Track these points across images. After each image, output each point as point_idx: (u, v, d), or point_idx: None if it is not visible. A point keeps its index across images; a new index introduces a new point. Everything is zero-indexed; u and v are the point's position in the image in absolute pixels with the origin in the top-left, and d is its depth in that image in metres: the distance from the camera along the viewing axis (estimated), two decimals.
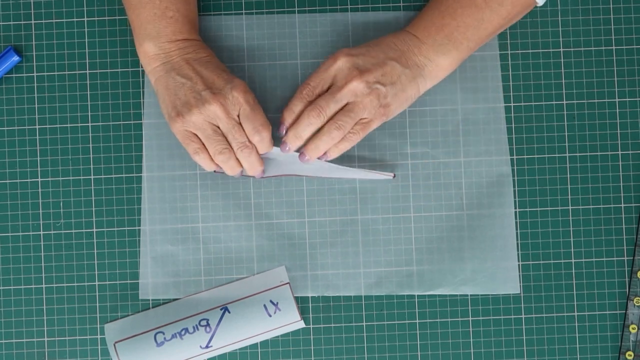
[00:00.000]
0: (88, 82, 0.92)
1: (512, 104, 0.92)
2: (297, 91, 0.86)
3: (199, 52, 0.86)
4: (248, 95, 0.84)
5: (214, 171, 0.88)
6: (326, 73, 0.85)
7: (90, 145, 0.91)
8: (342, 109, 0.84)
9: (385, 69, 0.84)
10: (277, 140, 0.87)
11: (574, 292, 0.91)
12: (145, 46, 0.85)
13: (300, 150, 0.86)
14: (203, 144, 0.85)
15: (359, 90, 0.84)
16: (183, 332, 0.89)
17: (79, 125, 0.91)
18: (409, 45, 0.86)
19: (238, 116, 0.84)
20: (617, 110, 0.92)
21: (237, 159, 0.86)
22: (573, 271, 0.91)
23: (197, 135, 0.85)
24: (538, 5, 0.88)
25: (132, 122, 0.91)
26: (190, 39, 0.86)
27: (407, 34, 0.87)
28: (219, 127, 0.84)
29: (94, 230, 0.91)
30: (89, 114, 0.91)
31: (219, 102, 0.83)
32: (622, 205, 0.91)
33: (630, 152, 0.91)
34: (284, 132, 0.86)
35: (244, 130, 0.85)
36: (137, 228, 0.91)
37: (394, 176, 0.90)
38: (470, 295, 0.91)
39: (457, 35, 0.85)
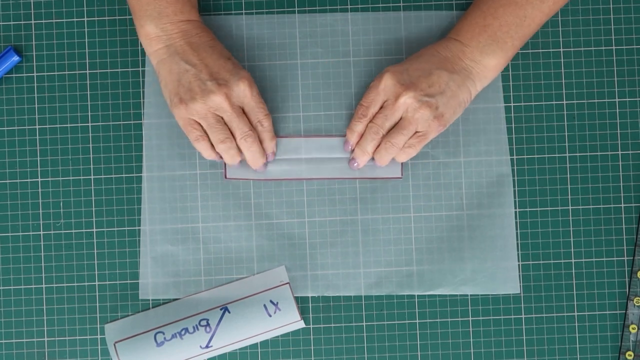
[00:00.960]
0: (88, 82, 0.92)
1: (512, 104, 0.92)
2: (355, 112, 0.88)
3: (202, 35, 0.86)
4: (253, 88, 0.85)
5: (215, 160, 0.89)
6: (375, 93, 0.86)
7: (90, 145, 0.91)
8: (397, 124, 0.86)
9: (431, 79, 0.85)
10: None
11: (574, 292, 0.91)
12: (146, 27, 0.85)
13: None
14: (204, 132, 0.86)
15: (408, 105, 0.85)
16: (183, 332, 0.89)
17: (79, 125, 0.91)
18: (453, 50, 0.86)
19: (242, 107, 0.85)
20: (617, 110, 0.92)
21: (237, 148, 0.87)
22: (573, 271, 0.91)
23: (199, 123, 0.85)
24: None
25: (132, 122, 0.91)
26: (192, 20, 0.86)
27: (450, 39, 0.87)
28: (222, 117, 0.85)
29: (94, 230, 0.91)
30: (89, 114, 0.91)
31: (223, 93, 0.84)
32: (622, 205, 0.91)
33: (630, 152, 0.91)
34: (349, 149, 0.89)
35: (247, 119, 0.86)
36: (137, 228, 0.91)
37: (402, 176, 0.91)
38: (470, 295, 0.91)
39: (500, 35, 0.85)
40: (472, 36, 0.86)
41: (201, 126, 0.86)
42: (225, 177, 0.90)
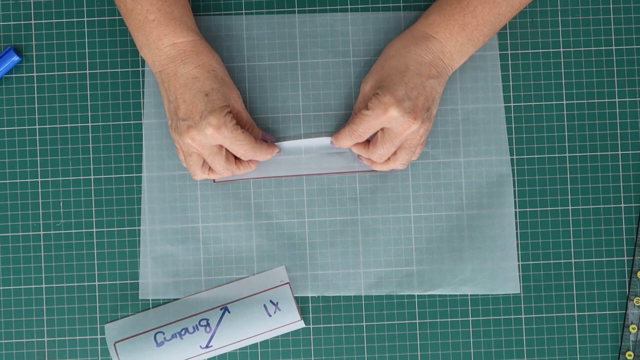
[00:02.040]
0: (88, 82, 0.92)
1: (512, 104, 0.92)
2: (347, 130, 0.86)
3: (187, 62, 0.83)
4: (221, 130, 0.82)
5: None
6: (377, 121, 0.83)
7: (90, 145, 0.91)
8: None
9: (426, 93, 0.84)
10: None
11: (574, 292, 0.91)
12: (142, 54, 0.85)
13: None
14: None
15: (415, 129, 0.84)
16: (183, 332, 0.89)
17: (79, 125, 0.91)
18: (434, 52, 0.85)
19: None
20: (617, 110, 0.92)
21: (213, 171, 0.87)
22: (573, 271, 0.91)
23: None
24: None
25: (132, 122, 0.91)
26: (178, 42, 0.84)
27: (429, 38, 0.85)
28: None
29: (94, 230, 0.91)
30: (89, 114, 0.91)
31: (191, 137, 0.82)
32: (622, 205, 0.91)
33: (630, 152, 0.91)
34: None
35: (224, 151, 0.85)
36: (137, 228, 0.91)
37: None
38: (470, 295, 0.91)
39: (476, 34, 0.85)
40: (451, 35, 0.85)
41: None
42: (214, 180, 0.90)
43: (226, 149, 0.85)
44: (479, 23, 0.85)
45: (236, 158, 0.87)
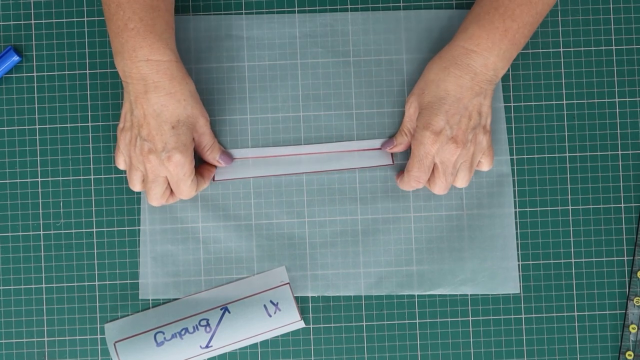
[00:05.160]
0: (88, 82, 0.92)
1: (512, 104, 0.92)
2: (407, 175, 0.87)
3: (159, 88, 0.81)
4: (180, 169, 0.83)
5: None
6: (429, 159, 0.85)
7: (90, 145, 0.91)
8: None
9: (470, 114, 0.84)
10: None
11: (574, 292, 0.91)
12: (115, 61, 0.83)
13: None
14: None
15: (460, 153, 0.84)
16: (183, 332, 0.89)
17: (79, 125, 0.91)
18: (476, 67, 0.83)
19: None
20: (617, 110, 0.92)
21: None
22: (573, 271, 0.91)
23: None
24: None
25: None
26: (153, 59, 0.81)
27: (469, 53, 0.84)
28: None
29: (94, 230, 0.91)
30: (89, 114, 0.91)
31: (148, 159, 0.83)
32: (622, 205, 0.91)
33: (630, 152, 0.91)
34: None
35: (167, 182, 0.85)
36: (137, 228, 0.91)
37: (393, 163, 0.90)
38: (470, 295, 0.91)
39: (518, 37, 0.83)
40: (493, 44, 0.83)
41: None
42: (214, 179, 0.90)
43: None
44: (519, 26, 0.83)
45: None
